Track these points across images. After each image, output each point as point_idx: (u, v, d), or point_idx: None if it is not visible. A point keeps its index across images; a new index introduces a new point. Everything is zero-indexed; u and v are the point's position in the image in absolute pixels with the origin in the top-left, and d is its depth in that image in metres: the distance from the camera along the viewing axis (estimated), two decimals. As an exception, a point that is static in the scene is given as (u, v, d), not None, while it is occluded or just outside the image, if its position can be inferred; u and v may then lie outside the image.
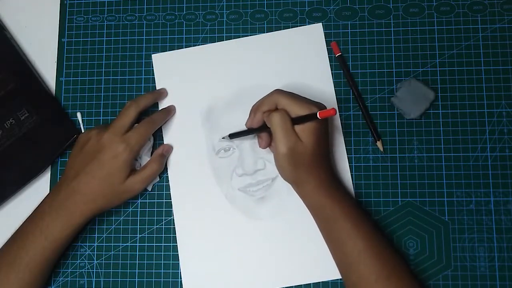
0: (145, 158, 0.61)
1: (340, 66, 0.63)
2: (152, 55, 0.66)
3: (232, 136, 0.60)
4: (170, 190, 0.62)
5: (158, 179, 0.62)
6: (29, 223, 0.57)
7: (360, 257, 0.53)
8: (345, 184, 0.60)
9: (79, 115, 0.65)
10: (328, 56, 0.64)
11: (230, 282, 0.60)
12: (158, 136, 0.64)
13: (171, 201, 0.62)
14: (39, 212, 0.58)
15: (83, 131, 0.64)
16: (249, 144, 0.62)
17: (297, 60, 0.64)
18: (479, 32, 0.63)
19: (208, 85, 0.64)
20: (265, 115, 0.55)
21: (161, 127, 0.64)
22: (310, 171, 0.54)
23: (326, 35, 0.64)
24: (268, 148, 0.59)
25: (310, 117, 0.52)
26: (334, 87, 0.63)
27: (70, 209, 0.56)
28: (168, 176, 0.63)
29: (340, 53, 0.63)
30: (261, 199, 0.61)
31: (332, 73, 0.63)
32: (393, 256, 0.54)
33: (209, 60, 0.65)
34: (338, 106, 0.63)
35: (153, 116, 0.61)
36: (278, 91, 0.55)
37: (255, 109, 0.57)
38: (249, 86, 0.64)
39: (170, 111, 0.63)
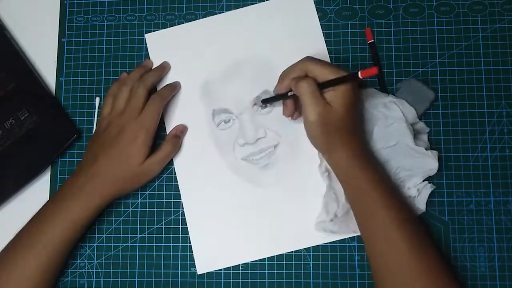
0: None
1: (371, 54, 0.63)
2: (146, 35, 0.66)
3: (264, 101, 0.60)
4: (174, 166, 0.63)
5: None
6: (49, 205, 0.58)
7: (392, 226, 0.51)
8: None
9: (97, 99, 0.65)
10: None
11: (239, 250, 0.60)
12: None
13: (171, 201, 0.62)
14: (59, 195, 0.58)
15: (95, 117, 0.65)
16: (249, 114, 0.63)
17: (289, 28, 0.65)
18: (479, 32, 0.63)
19: (203, 60, 0.65)
20: (292, 82, 0.55)
21: None
22: (342, 138, 0.53)
23: (326, 35, 0.64)
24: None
25: (340, 80, 0.52)
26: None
27: (89, 192, 0.57)
28: (168, 174, 0.63)
29: (372, 40, 0.63)
30: (265, 167, 0.62)
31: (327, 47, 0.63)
32: (423, 228, 0.54)
33: (202, 35, 0.66)
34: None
35: (160, 91, 0.62)
36: (308, 58, 0.55)
37: (283, 75, 0.57)
38: (243, 58, 0.64)
39: (176, 86, 0.64)
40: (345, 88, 0.52)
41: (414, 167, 0.58)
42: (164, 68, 0.64)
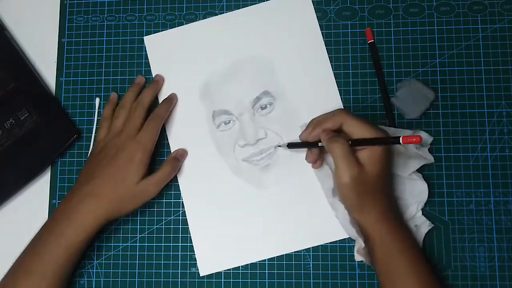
0: None
1: (370, 54, 0.63)
2: (144, 37, 0.66)
3: (291, 145, 0.60)
4: None
5: None
6: (43, 231, 0.57)
7: None
8: None
9: (97, 100, 0.65)
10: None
11: (241, 251, 0.60)
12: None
13: (171, 201, 0.62)
14: (53, 219, 0.57)
15: (96, 117, 0.65)
16: (249, 114, 0.63)
17: (288, 29, 0.65)
18: (479, 32, 0.63)
19: (202, 61, 0.65)
20: (323, 135, 0.54)
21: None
22: (373, 198, 0.53)
23: (326, 35, 0.64)
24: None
25: (378, 141, 0.51)
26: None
27: (83, 214, 0.56)
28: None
29: (372, 40, 0.63)
30: (266, 167, 0.62)
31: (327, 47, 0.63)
32: None
33: (201, 37, 0.66)
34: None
35: (157, 111, 0.61)
36: (344, 111, 0.54)
37: (315, 124, 0.55)
38: (243, 58, 0.65)
39: (172, 100, 0.64)
40: (380, 150, 0.52)
41: (406, 194, 0.58)
42: (158, 82, 0.64)
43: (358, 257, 0.58)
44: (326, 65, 0.63)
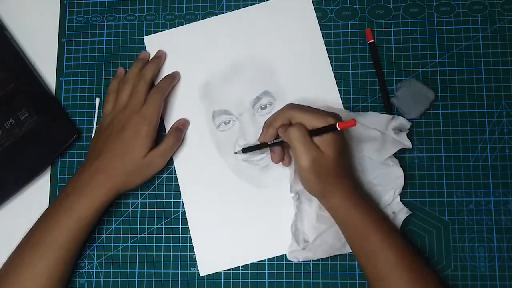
0: None
1: (370, 54, 0.63)
2: (144, 37, 0.66)
3: (246, 150, 0.60)
4: (175, 167, 0.63)
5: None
6: (54, 204, 0.58)
7: (392, 271, 0.52)
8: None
9: (97, 100, 0.65)
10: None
11: (241, 251, 0.60)
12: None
13: (171, 201, 0.62)
14: (63, 193, 0.58)
15: (96, 117, 0.65)
16: (249, 114, 0.63)
17: (288, 29, 0.65)
18: (479, 32, 0.63)
19: (202, 61, 0.65)
20: (279, 130, 0.55)
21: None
22: (336, 182, 0.53)
23: (326, 35, 0.64)
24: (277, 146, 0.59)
25: (328, 129, 0.52)
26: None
27: (93, 187, 0.57)
28: (168, 174, 0.63)
29: (372, 40, 0.63)
30: (266, 168, 0.62)
31: (326, 47, 0.63)
32: (426, 269, 0.54)
33: (201, 37, 0.66)
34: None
35: (159, 84, 0.62)
36: (290, 106, 0.55)
37: (267, 125, 0.56)
38: (243, 58, 0.65)
39: (175, 77, 0.64)
40: (332, 136, 0.53)
41: (382, 180, 0.58)
42: (161, 57, 0.65)
43: (292, 258, 0.58)
44: (326, 65, 0.63)
